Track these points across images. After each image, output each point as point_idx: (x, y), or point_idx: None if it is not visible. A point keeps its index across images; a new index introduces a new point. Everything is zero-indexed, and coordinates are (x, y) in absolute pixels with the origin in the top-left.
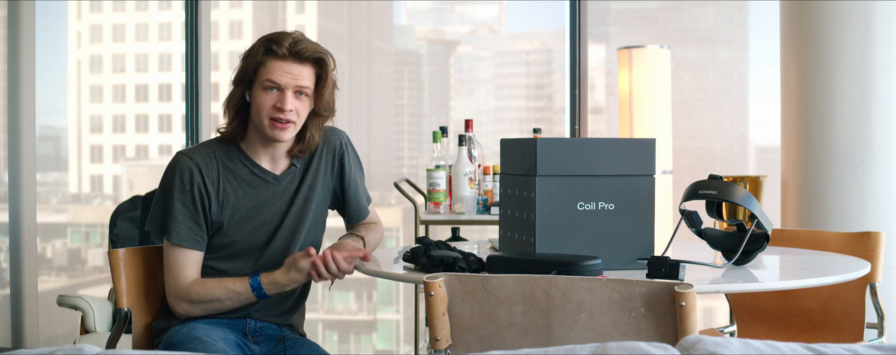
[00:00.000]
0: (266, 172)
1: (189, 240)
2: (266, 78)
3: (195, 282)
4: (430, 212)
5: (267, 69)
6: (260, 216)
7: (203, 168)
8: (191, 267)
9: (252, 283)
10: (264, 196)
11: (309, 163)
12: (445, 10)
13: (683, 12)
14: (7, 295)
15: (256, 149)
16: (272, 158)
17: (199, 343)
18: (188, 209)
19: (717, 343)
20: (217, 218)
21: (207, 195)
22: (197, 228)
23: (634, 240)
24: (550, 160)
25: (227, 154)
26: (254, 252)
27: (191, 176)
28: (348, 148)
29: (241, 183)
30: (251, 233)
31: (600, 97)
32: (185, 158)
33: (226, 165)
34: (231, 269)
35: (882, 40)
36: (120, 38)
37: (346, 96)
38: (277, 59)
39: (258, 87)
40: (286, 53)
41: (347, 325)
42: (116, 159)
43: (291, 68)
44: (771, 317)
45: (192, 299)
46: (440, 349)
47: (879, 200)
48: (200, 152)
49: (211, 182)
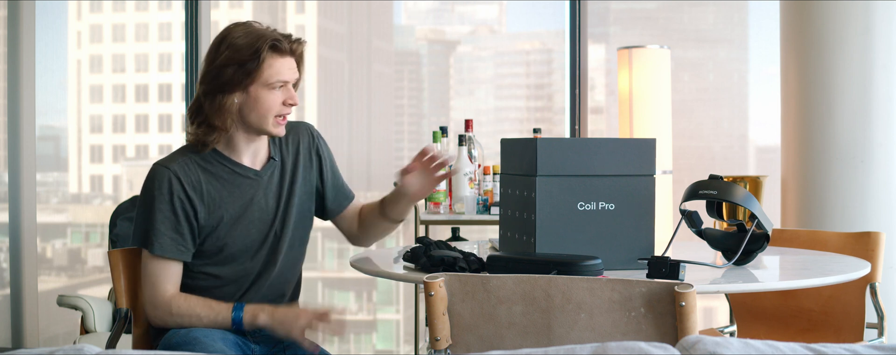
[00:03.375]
0: (246, 169)
1: (172, 251)
2: (277, 78)
3: (178, 296)
4: (430, 212)
5: (275, 69)
6: (248, 214)
7: (181, 175)
8: (172, 278)
9: (234, 317)
10: (249, 193)
11: (285, 157)
12: (445, 10)
13: (683, 12)
14: (7, 295)
15: (238, 148)
16: (253, 153)
17: (198, 343)
18: (170, 220)
19: (717, 343)
20: (206, 222)
21: (190, 202)
22: (179, 238)
23: (634, 240)
24: (550, 160)
25: (204, 157)
26: (247, 253)
27: (169, 186)
28: (319, 138)
29: (224, 183)
30: (243, 234)
31: (600, 97)
32: (162, 168)
33: (205, 169)
34: (225, 273)
35: (882, 40)
36: (120, 38)
37: (346, 96)
38: (282, 56)
39: (263, 87)
40: (288, 49)
41: (347, 325)
42: (116, 159)
43: (291, 63)
44: (771, 317)
45: (171, 312)
46: (440, 349)
47: (879, 200)
48: (176, 160)
49: (192, 188)
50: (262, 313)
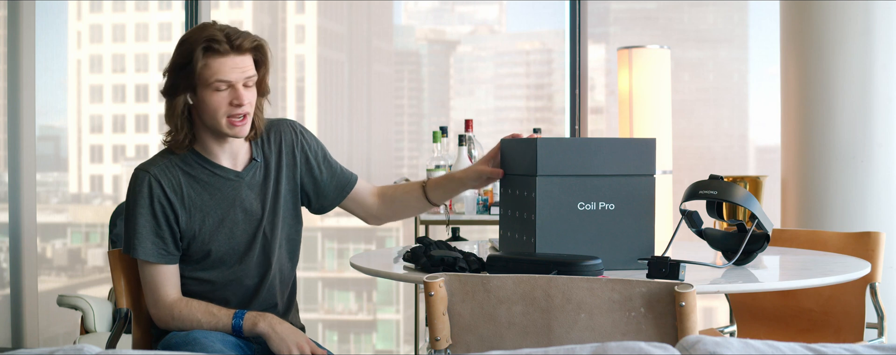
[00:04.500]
0: (227, 170)
1: (154, 255)
2: (215, 79)
3: (179, 301)
4: (430, 212)
5: (213, 70)
6: (230, 216)
7: (162, 179)
8: (169, 281)
9: (234, 323)
10: (231, 195)
11: (268, 157)
12: (445, 10)
13: (683, 12)
14: (7, 295)
15: (213, 150)
16: (231, 155)
17: (198, 344)
18: (150, 224)
19: (717, 343)
20: (187, 227)
21: (170, 206)
22: (161, 243)
23: (634, 240)
24: (551, 160)
25: (185, 160)
26: (235, 254)
27: (150, 190)
28: (303, 133)
29: (205, 186)
30: (227, 237)
31: (600, 97)
32: (143, 173)
33: (186, 171)
34: (217, 278)
35: (882, 40)
36: (120, 38)
37: (346, 96)
38: (220, 56)
39: (206, 89)
40: (228, 48)
41: (347, 325)
42: (116, 159)
43: (236, 62)
44: (771, 317)
45: (173, 316)
46: (440, 349)
47: (879, 200)
48: (157, 164)
49: (173, 191)
50: (262, 321)
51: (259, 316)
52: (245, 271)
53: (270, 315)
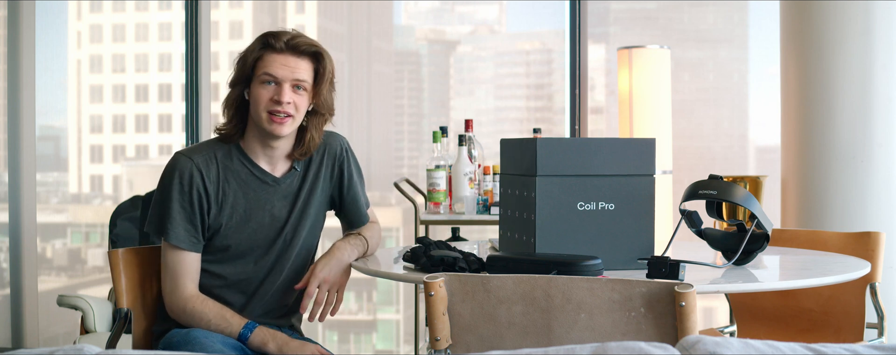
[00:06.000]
0: (266, 174)
1: (185, 242)
2: (263, 71)
3: (195, 298)
4: (430, 212)
5: (264, 63)
6: (256, 218)
7: (203, 169)
8: (190, 273)
9: (241, 333)
10: (263, 198)
11: (308, 166)
12: (445, 10)
13: (683, 12)
14: (7, 295)
15: (255, 150)
16: (271, 160)
17: (198, 343)
18: (186, 210)
19: (717, 343)
20: (215, 220)
21: (206, 197)
22: (193, 230)
23: (634, 240)
24: (550, 160)
25: (227, 154)
26: (253, 254)
27: (190, 177)
28: (349, 153)
29: (241, 183)
30: (249, 237)
31: (600, 97)
32: (185, 159)
33: (225, 166)
34: (229, 274)
35: (882, 40)
36: (120, 38)
37: (346, 96)
38: (274, 52)
39: (256, 82)
40: (283, 47)
41: (347, 325)
42: (116, 159)
43: (288, 61)
44: (771, 317)
45: (185, 310)
46: (440, 349)
47: (879, 200)
48: (200, 153)
49: (211, 183)
50: (272, 342)
51: (269, 335)
52: (258, 272)
53: (281, 334)
